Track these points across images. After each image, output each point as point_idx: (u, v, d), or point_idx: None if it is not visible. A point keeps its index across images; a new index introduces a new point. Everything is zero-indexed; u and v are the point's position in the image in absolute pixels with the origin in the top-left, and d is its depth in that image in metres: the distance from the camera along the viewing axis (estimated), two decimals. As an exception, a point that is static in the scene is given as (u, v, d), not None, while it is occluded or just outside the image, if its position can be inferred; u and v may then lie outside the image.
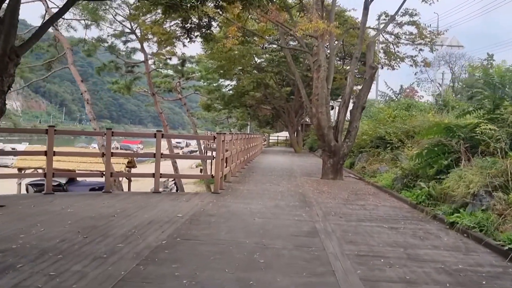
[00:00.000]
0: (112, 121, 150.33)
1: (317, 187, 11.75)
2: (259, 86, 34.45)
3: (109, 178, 9.09)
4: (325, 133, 13.93)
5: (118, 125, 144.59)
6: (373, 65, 14.41)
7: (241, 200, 8.92)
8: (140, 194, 9.29)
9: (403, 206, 9.14)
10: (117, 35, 20.74)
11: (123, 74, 23.96)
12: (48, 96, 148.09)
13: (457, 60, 46.49)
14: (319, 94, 13.84)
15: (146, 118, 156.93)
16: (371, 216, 7.79)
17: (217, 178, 9.56)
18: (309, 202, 9.13)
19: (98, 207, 7.42)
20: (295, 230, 6.37)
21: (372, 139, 17.39)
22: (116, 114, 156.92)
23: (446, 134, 10.15)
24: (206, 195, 9.42)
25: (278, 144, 51.05)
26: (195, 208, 7.72)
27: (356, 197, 10.17)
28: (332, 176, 14.07)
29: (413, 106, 20.02)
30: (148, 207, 7.58)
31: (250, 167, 17.40)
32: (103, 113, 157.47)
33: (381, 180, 12.70)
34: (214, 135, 9.75)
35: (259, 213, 7.49)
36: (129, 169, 23.01)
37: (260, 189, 10.76)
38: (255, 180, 12.87)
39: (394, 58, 17.59)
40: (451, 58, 46.62)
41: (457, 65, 47.13)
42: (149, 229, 5.95)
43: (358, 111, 14.42)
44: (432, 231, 6.68)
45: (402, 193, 10.25)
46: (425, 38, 17.30)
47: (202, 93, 29.00)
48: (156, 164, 9.42)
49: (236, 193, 9.90)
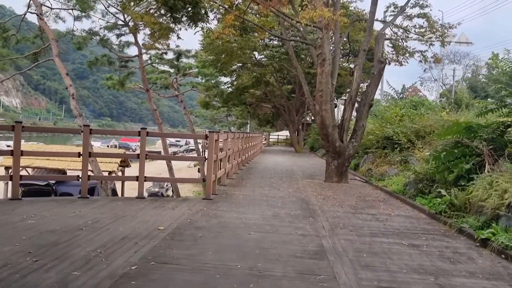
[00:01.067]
0: (112, 119, 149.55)
1: (321, 192, 10.66)
2: (259, 84, 33.37)
3: (86, 182, 8.00)
4: (329, 133, 12.84)
5: (118, 123, 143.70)
6: (381, 59, 13.30)
7: (236, 208, 7.83)
8: (121, 200, 8.21)
9: (419, 216, 8.05)
10: (109, 27, 19.61)
11: (117, 69, 22.83)
12: (48, 93, 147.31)
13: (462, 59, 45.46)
14: (323, 90, 12.74)
15: (146, 116, 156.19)
16: (385, 229, 6.70)
17: (209, 182, 8.47)
18: (313, 210, 8.04)
19: (66, 217, 6.33)
20: (298, 249, 5.28)
21: (379, 139, 16.32)
22: (117, 112, 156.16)
23: (467, 135, 9.08)
24: (196, 201, 8.33)
25: (278, 143, 49.97)
26: (181, 218, 6.63)
27: (365, 204, 9.08)
28: (336, 179, 12.99)
29: (422, 105, 18.96)
30: (127, 217, 6.50)
31: (249, 168, 16.32)
32: (104, 111, 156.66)
33: (391, 184, 11.61)
34: (206, 133, 8.66)
35: (256, 226, 6.41)
36: (122, 169, 21.99)
37: (258, 194, 9.67)
38: (253, 183, 11.78)
39: (403, 53, 16.45)
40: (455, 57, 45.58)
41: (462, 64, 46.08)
42: (120, 247, 4.87)
43: (365, 109, 13.32)
44: (462, 250, 5.59)
45: (416, 200, 9.16)
46: (436, 32, 16.18)
47: (200, 90, 27.92)
48: (140, 166, 8.34)
49: (231, 199, 8.81)
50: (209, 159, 8.48)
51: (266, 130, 51.74)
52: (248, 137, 18.72)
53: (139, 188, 8.30)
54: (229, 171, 12.26)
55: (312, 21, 11.56)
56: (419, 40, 17.13)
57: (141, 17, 12.93)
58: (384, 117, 18.11)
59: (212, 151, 8.49)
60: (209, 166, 8.50)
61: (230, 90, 34.26)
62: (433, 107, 18.55)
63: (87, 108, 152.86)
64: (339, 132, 13.09)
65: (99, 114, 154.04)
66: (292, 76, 33.80)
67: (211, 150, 8.49)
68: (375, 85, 13.33)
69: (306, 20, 11.15)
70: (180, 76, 28.81)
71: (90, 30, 19.87)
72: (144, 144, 8.36)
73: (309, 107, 15.07)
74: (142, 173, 8.26)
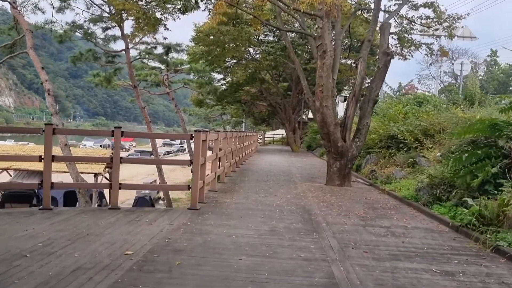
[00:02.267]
0: (106, 118, 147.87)
1: (323, 198, 9.48)
2: (254, 81, 32.17)
3: (49, 191, 6.77)
4: (330, 131, 11.66)
5: (113, 122, 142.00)
6: (387, 51, 12.12)
7: (226, 220, 6.63)
8: (90, 212, 6.97)
9: (441, 228, 6.89)
10: (93, 19, 18.32)
11: (103, 65, 21.53)
12: (41, 92, 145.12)
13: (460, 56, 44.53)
14: (324, 85, 11.56)
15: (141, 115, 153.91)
16: (406, 248, 5.52)
17: (195, 190, 7.26)
18: (316, 222, 6.86)
19: (13, 237, 5.11)
20: (303, 281, 4.10)
21: (382, 138, 15.19)
22: (111, 111, 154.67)
23: (491, 133, 7.95)
24: (179, 212, 7.11)
25: (274, 142, 48.76)
26: (157, 237, 5.43)
27: (375, 213, 7.92)
28: (338, 182, 11.83)
29: (427, 101, 17.84)
30: (89, 237, 5.28)
31: (243, 170, 15.12)
32: (98, 110, 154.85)
33: (400, 188, 10.45)
34: (192, 133, 7.44)
35: (249, 246, 5.22)
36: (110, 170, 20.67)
37: (253, 202, 8.47)
38: (247, 188, 10.58)
39: (408, 45, 15.28)
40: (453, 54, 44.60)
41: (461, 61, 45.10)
42: (66, 285, 3.66)
43: (370, 105, 12.16)
44: (509, 280, 4.42)
45: (434, 209, 8.01)
46: (443, 23, 15.02)
47: (192, 87, 26.70)
48: (114, 172, 7.12)
49: (221, 208, 7.61)
50: (195, 163, 7.27)
51: (261, 129, 50.56)
52: (242, 136, 17.52)
53: (112, 197, 7.07)
54: (220, 174, 11.07)
55: (312, 7, 10.38)
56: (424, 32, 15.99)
57: (123, 4, 11.69)
58: (387, 115, 17.01)
59: (198, 153, 7.28)
60: (195, 171, 7.30)
61: (224, 88, 33.03)
62: (439, 104, 17.45)
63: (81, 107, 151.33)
64: (341, 130, 11.92)
65: (93, 113, 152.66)
66: (288, 73, 32.64)
67: (198, 152, 7.28)
68: (381, 79, 12.16)
69: (305, 6, 9.96)
70: (172, 73, 27.57)
71: (73, 22, 18.60)
72: (118, 145, 7.14)
73: (308, 104, 13.87)
74: (116, 180, 7.04)
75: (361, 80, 11.96)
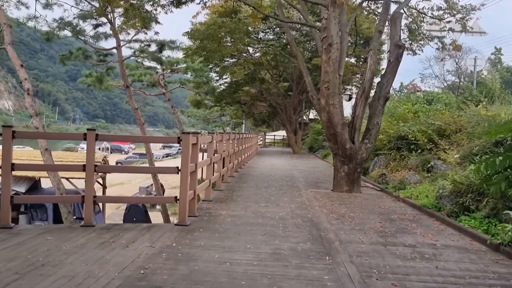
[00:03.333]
0: (106, 121, 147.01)
1: (331, 208, 8.39)
2: (254, 81, 31.10)
3: (8, 206, 5.67)
4: (338, 132, 10.56)
5: (113, 125, 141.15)
6: (399, 43, 11.03)
7: (219, 240, 5.53)
8: (58, 230, 5.86)
9: (477, 247, 5.78)
10: (82, 14, 17.20)
11: (94, 64, 20.42)
12: (41, 95, 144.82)
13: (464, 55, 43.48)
14: (330, 80, 10.46)
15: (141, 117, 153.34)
16: (442, 277, 4.42)
17: (183, 203, 6.16)
18: (327, 241, 5.76)
19: None
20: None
21: (391, 139, 14.12)
22: (111, 113, 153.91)
23: (528, 133, 6.85)
24: (165, 229, 6.00)
25: (275, 144, 47.65)
26: (132, 266, 4.33)
27: (394, 227, 6.81)
28: (347, 188, 10.73)
29: (437, 99, 16.79)
30: (45, 268, 4.18)
31: (242, 174, 14.02)
32: (98, 112, 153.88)
33: (417, 195, 9.34)
34: (179, 135, 6.34)
35: (247, 279, 4.12)
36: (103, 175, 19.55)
37: (252, 214, 7.37)
38: (246, 196, 9.48)
39: (420, 39, 14.19)
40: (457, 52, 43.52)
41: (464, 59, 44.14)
42: None
43: (380, 103, 11.07)
44: None
45: (462, 221, 6.90)
46: (456, 14, 13.95)
47: (189, 87, 25.64)
48: (88, 181, 6.02)
49: (215, 223, 6.51)
50: (183, 171, 6.16)
51: (262, 130, 49.48)
52: (241, 138, 16.43)
53: (86, 213, 5.97)
54: (217, 181, 9.97)
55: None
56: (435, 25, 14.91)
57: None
58: (395, 114, 15.96)
59: (187, 159, 6.18)
60: (183, 180, 6.19)
61: (223, 88, 31.93)
62: (450, 102, 16.38)
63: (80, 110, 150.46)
64: (349, 131, 10.82)
65: (93, 116, 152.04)
66: (289, 72, 31.57)
67: (186, 158, 6.18)
68: (392, 74, 11.05)
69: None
70: (168, 73, 26.46)
71: (61, 19, 17.51)
72: (93, 151, 6.04)
73: (313, 102, 12.77)
74: (89, 192, 5.94)
75: (371, 75, 10.86)
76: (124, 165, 57.19)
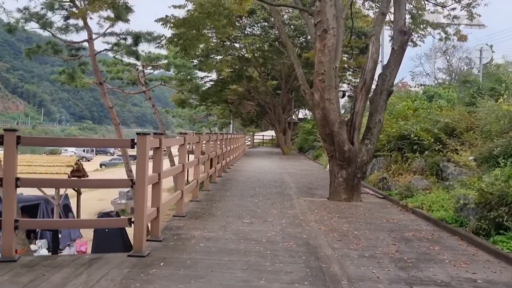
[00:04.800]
0: (93, 122, 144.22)
1: (330, 223, 6.90)
2: (241, 79, 29.59)
3: None
4: (334, 132, 9.08)
5: (100, 126, 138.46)
6: (404, 29, 9.61)
7: (183, 281, 3.97)
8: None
9: (529, 283, 4.34)
10: (49, 3, 15.51)
11: (65, 59, 18.68)
12: (26, 96, 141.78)
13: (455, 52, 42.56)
14: (326, 72, 8.97)
15: (129, 118, 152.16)
16: None
17: (139, 227, 4.59)
18: (331, 278, 4.24)
19: None
20: None
21: (391, 139, 12.75)
22: (98, 114, 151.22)
23: None
24: (112, 264, 4.43)
25: (264, 144, 46.19)
26: None
27: (414, 252, 5.33)
28: (345, 196, 9.27)
29: (439, 96, 15.47)
30: None
31: (226, 180, 12.48)
32: (84, 113, 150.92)
33: (429, 204, 7.91)
34: (133, 138, 4.77)
35: None
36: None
37: (232, 236, 5.83)
38: (228, 208, 7.93)
39: (423, 27, 12.84)
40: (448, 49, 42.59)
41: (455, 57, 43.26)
42: None
43: (383, 98, 9.65)
44: None
45: (499, 243, 5.44)
46: (461, 0, 12.64)
47: (171, 85, 24.02)
48: (6, 200, 4.43)
49: (182, 252, 4.95)
50: (139, 184, 4.60)
51: (250, 130, 47.97)
52: (226, 139, 14.90)
53: (4, 242, 4.37)
54: (193, 191, 8.42)
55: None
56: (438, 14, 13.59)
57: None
58: (394, 111, 14.61)
59: (143, 169, 4.62)
60: (138, 196, 4.63)
61: (208, 86, 30.36)
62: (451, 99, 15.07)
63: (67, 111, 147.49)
64: (348, 130, 9.35)
65: (79, 116, 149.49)
66: (278, 70, 30.16)
67: (142, 167, 4.62)
68: (396, 64, 9.62)
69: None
70: (149, 70, 24.81)
71: (25, 9, 15.82)
72: (15, 158, 4.43)
73: (305, 98, 11.28)
74: (9, 211, 4.35)
75: (373, 64, 9.39)
76: (108, 167, 55.38)
